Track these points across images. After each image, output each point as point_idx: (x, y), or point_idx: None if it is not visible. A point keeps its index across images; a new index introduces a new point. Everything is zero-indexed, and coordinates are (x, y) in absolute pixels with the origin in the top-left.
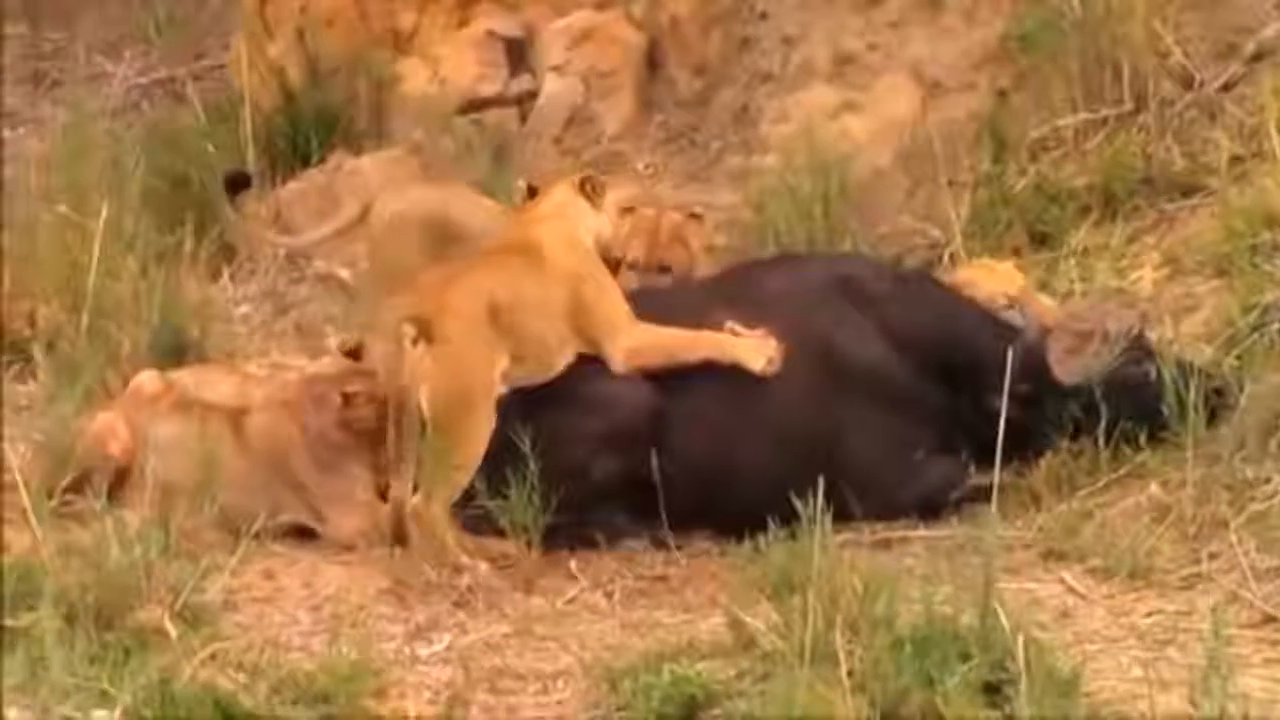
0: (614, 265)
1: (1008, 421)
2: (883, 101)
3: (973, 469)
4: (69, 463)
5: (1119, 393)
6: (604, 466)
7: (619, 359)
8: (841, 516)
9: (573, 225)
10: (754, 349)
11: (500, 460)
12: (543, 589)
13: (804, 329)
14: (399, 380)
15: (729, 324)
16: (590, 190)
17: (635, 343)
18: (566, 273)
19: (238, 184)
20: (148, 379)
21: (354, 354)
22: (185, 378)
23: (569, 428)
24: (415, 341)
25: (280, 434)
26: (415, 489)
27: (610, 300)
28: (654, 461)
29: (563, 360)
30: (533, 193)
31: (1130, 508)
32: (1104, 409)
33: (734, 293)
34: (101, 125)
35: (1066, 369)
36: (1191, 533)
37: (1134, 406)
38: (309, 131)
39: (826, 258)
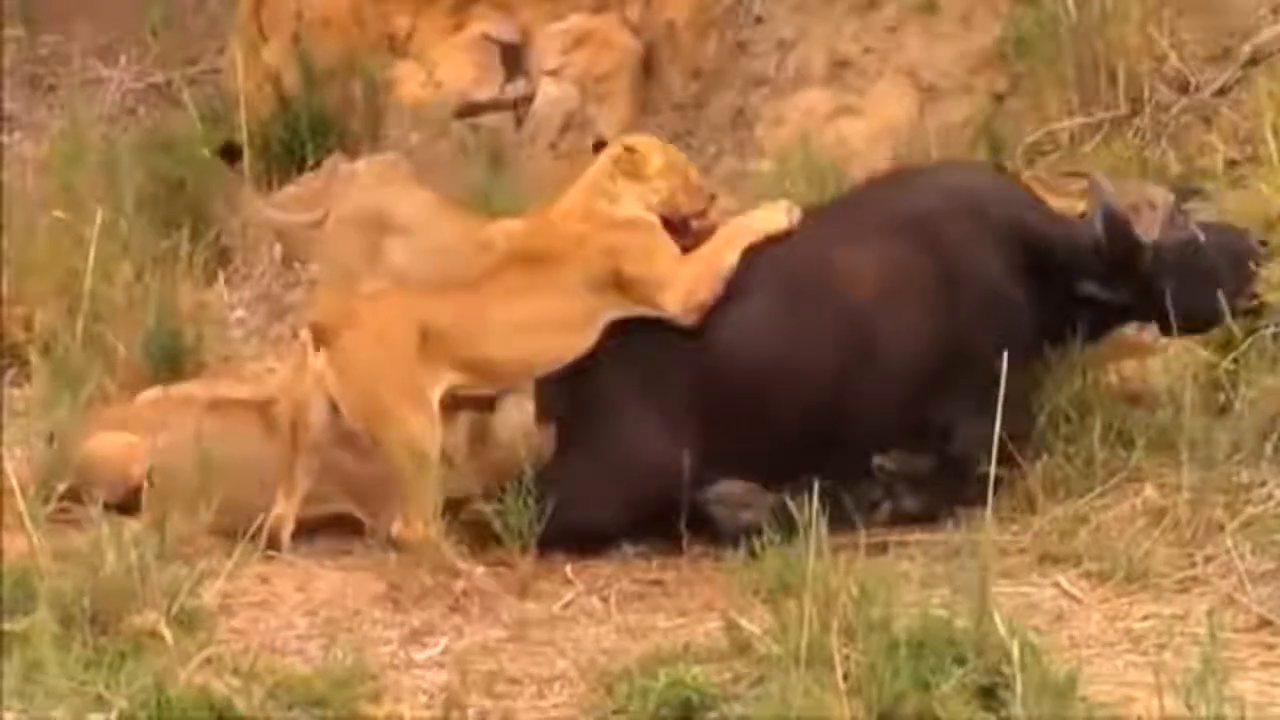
0: (678, 223)
1: (1103, 304)
2: (879, 105)
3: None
4: (65, 468)
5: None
6: (622, 525)
7: (678, 312)
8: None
9: (607, 204)
10: (773, 213)
11: None
12: (538, 593)
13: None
14: (297, 388)
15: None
16: (630, 163)
17: (685, 288)
18: (600, 252)
19: (231, 154)
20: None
21: None
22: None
23: (591, 484)
24: (315, 348)
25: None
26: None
27: (654, 262)
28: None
29: (546, 366)
30: (598, 148)
31: (1126, 511)
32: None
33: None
34: (97, 130)
35: (1144, 230)
36: (1187, 536)
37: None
38: (304, 135)
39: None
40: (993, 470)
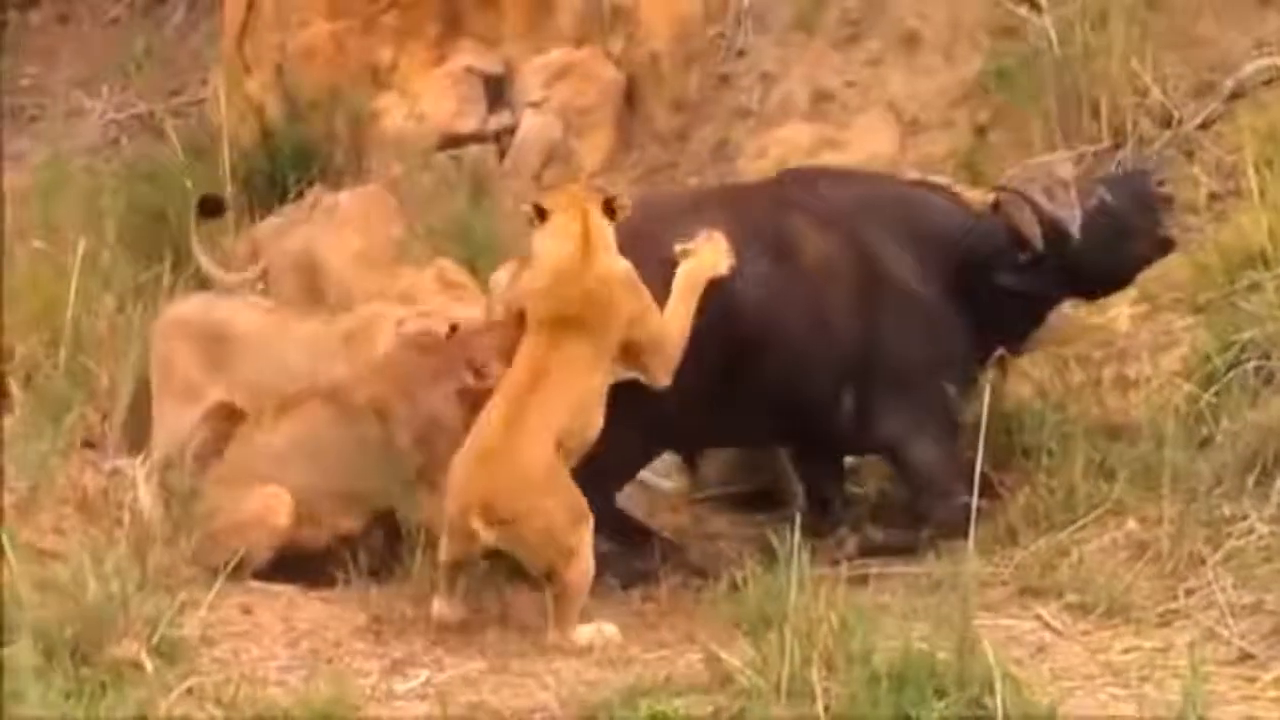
0: None
1: (1022, 294)
2: (861, 138)
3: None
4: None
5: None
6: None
7: (661, 377)
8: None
9: (624, 264)
10: (715, 255)
11: None
12: (519, 625)
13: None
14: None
15: (678, 246)
16: (613, 211)
17: (668, 351)
18: (626, 324)
19: (211, 209)
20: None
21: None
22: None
23: None
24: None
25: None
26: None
27: (655, 323)
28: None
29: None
30: (542, 214)
31: (1107, 544)
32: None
33: (788, 199)
34: (79, 161)
35: (1066, 216)
36: (1169, 569)
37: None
38: (287, 167)
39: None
40: (974, 502)
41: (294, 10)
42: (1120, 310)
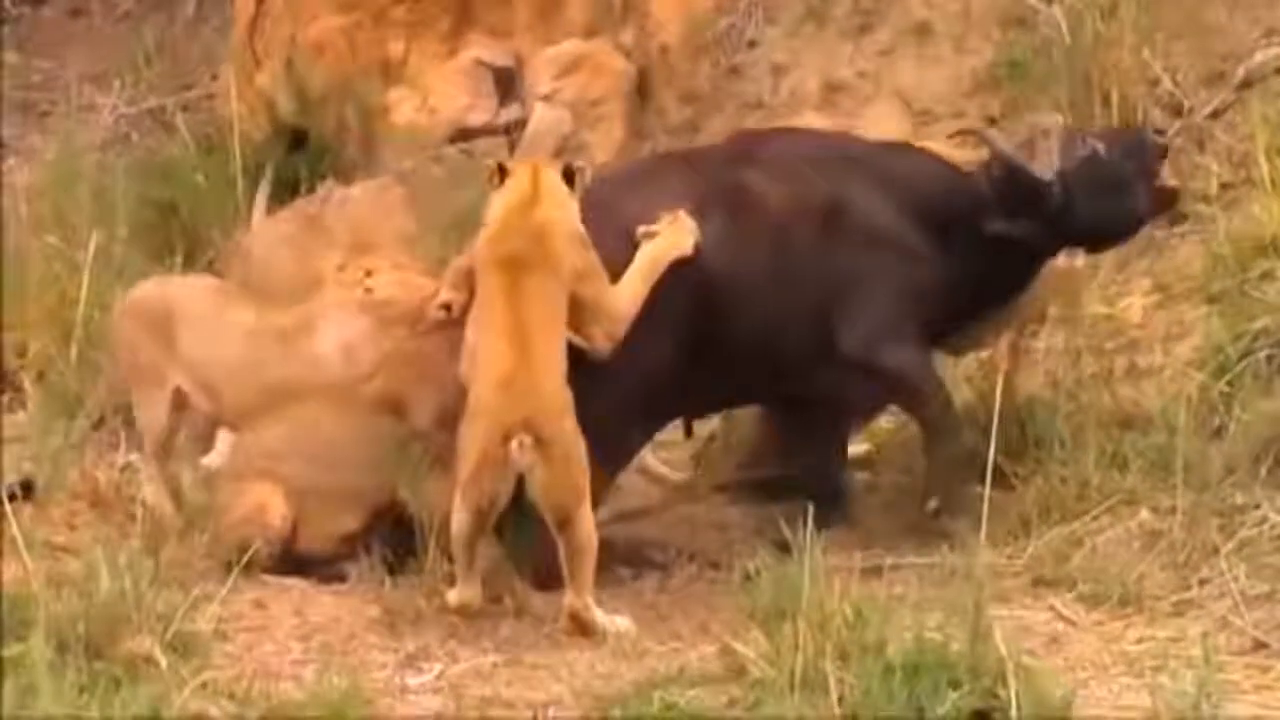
0: None
1: (1009, 240)
2: (872, 129)
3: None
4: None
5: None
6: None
7: (602, 344)
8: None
9: (573, 218)
10: (679, 236)
11: None
12: (533, 617)
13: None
14: (493, 482)
15: (640, 229)
16: (571, 177)
17: (614, 320)
18: (571, 274)
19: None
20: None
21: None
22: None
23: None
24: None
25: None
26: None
27: (602, 286)
28: None
29: None
30: (503, 173)
31: (1121, 534)
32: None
33: (745, 155)
34: (91, 156)
35: (1039, 167)
36: (1181, 559)
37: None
38: (298, 161)
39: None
40: (986, 493)
41: (304, 4)
42: (1133, 300)
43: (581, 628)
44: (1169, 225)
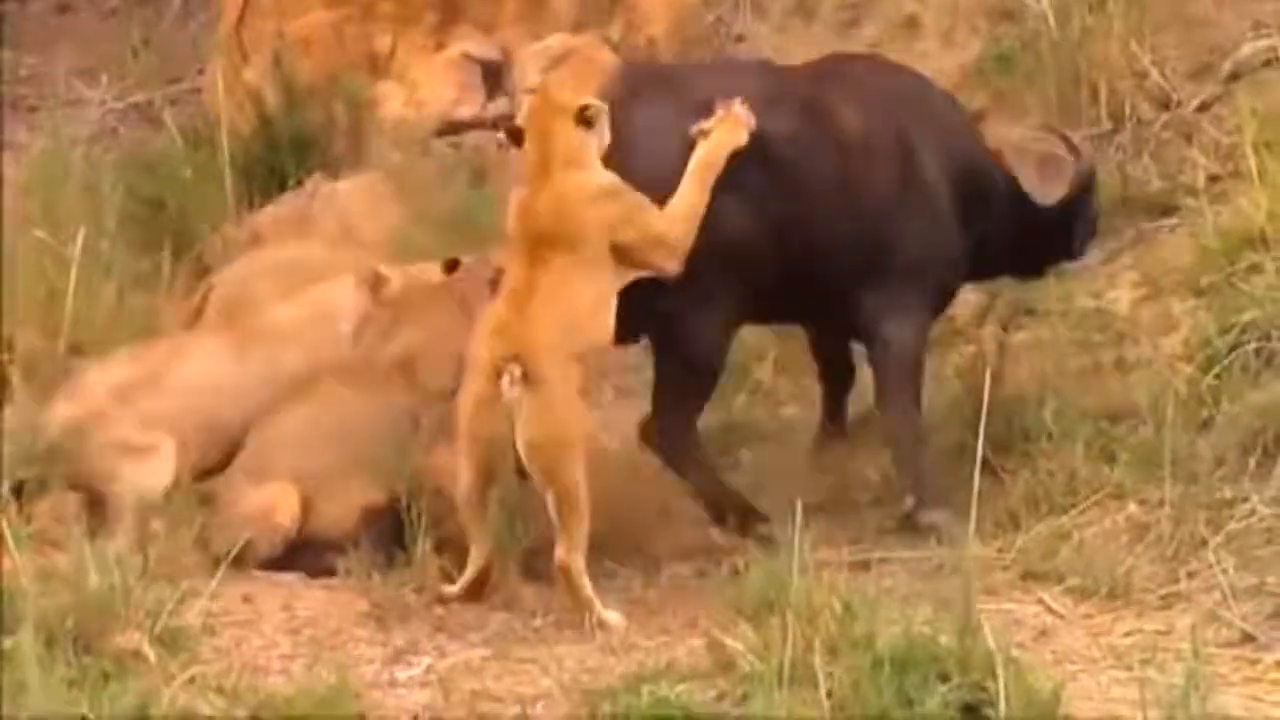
0: None
1: (1004, 243)
2: None
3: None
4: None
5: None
6: None
7: (669, 266)
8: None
9: (592, 173)
10: (732, 132)
11: None
12: (521, 611)
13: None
14: (489, 425)
15: (694, 128)
16: (588, 118)
17: (672, 242)
18: (602, 233)
19: None
20: None
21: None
22: None
23: None
24: (514, 383)
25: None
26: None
27: (644, 221)
28: None
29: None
30: (518, 136)
31: (1109, 527)
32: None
33: (828, 73)
34: (78, 150)
35: (1044, 193)
36: (1170, 552)
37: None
38: (285, 155)
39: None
40: (975, 486)
41: None
42: (1120, 293)
43: (570, 588)
44: (1157, 217)
